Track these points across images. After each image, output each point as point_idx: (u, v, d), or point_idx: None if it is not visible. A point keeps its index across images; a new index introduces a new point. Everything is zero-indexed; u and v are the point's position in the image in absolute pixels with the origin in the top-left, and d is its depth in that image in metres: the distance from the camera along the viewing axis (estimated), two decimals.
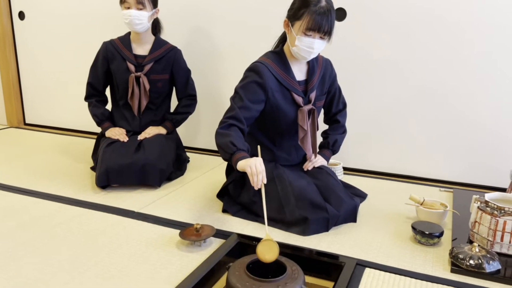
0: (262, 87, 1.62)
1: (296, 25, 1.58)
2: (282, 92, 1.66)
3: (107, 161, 1.94)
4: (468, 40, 1.96)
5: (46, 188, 1.97)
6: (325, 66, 1.78)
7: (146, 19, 2.06)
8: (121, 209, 1.76)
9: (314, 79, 1.72)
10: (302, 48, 1.58)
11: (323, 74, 1.77)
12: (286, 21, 1.63)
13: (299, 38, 1.57)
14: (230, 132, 1.54)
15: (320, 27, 1.53)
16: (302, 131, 1.69)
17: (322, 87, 1.77)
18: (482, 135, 2.03)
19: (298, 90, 1.69)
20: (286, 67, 1.67)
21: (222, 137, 1.55)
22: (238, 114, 1.59)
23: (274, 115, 1.69)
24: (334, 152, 1.89)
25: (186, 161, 2.33)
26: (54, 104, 3.14)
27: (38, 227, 1.58)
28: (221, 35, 2.46)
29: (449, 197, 1.92)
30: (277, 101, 1.66)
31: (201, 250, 1.42)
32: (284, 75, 1.66)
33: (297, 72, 1.71)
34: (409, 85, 2.11)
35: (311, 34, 1.55)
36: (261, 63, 1.64)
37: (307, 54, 1.61)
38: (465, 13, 1.94)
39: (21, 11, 3.06)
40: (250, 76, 1.64)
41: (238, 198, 1.75)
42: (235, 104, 1.61)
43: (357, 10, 2.13)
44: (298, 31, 1.57)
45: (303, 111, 1.67)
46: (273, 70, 1.65)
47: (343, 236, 1.54)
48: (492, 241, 1.39)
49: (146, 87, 2.13)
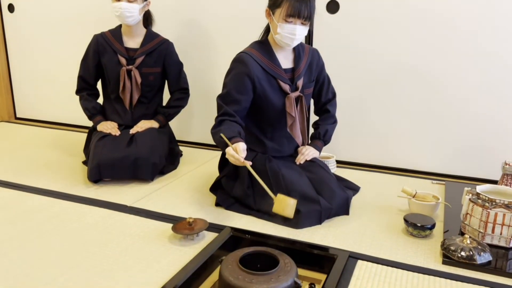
0: (248, 76, 1.64)
1: (276, 13, 1.60)
2: (268, 80, 1.68)
3: (99, 155, 1.92)
4: (458, 31, 1.96)
5: (37, 182, 1.96)
6: (312, 54, 1.79)
7: (137, 12, 2.04)
8: (113, 203, 1.75)
9: (301, 66, 1.74)
10: (285, 35, 1.61)
11: (310, 61, 1.78)
12: (268, 10, 1.66)
13: (281, 25, 1.60)
14: (220, 127, 1.58)
15: (299, 13, 1.56)
16: (290, 118, 1.71)
17: (309, 75, 1.78)
18: (474, 128, 2.04)
19: (284, 78, 1.70)
20: (271, 56, 1.69)
21: (214, 135, 1.59)
22: (226, 110, 1.63)
23: (262, 104, 1.70)
24: (325, 143, 1.88)
25: (179, 155, 2.32)
26: (45, 98, 3.11)
27: (28, 222, 1.57)
28: (213, 28, 2.44)
29: (441, 190, 1.93)
30: (264, 89, 1.67)
31: (194, 243, 1.42)
32: (269, 63, 1.68)
33: (283, 60, 1.72)
34: (401, 78, 2.11)
35: (291, 20, 1.58)
36: (245, 53, 1.67)
37: (290, 41, 1.63)
38: (456, 5, 1.94)
39: (10, 3, 3.02)
40: (235, 67, 1.67)
41: (231, 191, 1.75)
42: (222, 102, 1.65)
43: (350, 3, 2.12)
44: (279, 19, 1.60)
45: (290, 98, 1.69)
46: (257, 59, 1.66)
47: (335, 229, 1.54)
48: (483, 233, 1.40)
49: (138, 80, 2.12)
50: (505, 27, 1.89)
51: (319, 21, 2.18)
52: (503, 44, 1.91)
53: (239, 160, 1.46)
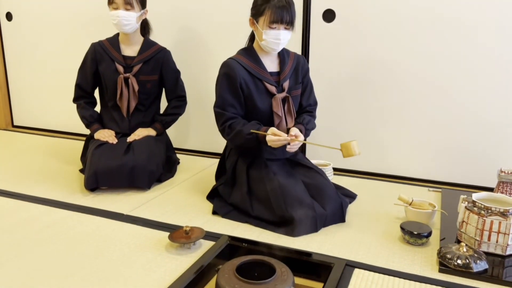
0: (234, 78, 1.70)
1: (260, 21, 1.68)
2: (254, 83, 1.73)
3: (96, 163, 1.92)
4: (456, 40, 1.98)
5: (34, 190, 1.95)
6: (298, 59, 1.85)
7: (134, 20, 2.05)
8: (110, 211, 1.74)
9: (286, 69, 1.79)
10: (270, 40, 1.68)
11: (296, 65, 1.83)
12: (251, 19, 1.73)
13: (266, 32, 1.66)
14: (236, 129, 1.67)
15: (282, 18, 1.63)
16: (277, 118, 1.75)
17: (296, 77, 1.82)
18: (470, 135, 2.05)
19: (270, 80, 1.75)
20: (256, 60, 1.76)
21: (237, 137, 1.68)
22: (228, 115, 1.71)
23: (250, 106, 1.75)
24: (306, 130, 1.80)
25: (176, 163, 2.32)
26: (43, 106, 3.11)
27: (24, 231, 1.56)
28: (211, 36, 2.45)
29: (437, 197, 1.93)
30: (250, 91, 1.72)
31: (191, 252, 1.42)
32: (255, 66, 1.74)
33: (269, 63, 1.78)
34: (397, 85, 2.12)
35: (275, 26, 1.65)
36: (230, 59, 1.76)
37: (276, 46, 1.70)
38: (453, 12, 1.96)
39: (8, 12, 3.03)
40: (221, 73, 1.74)
41: (229, 198, 1.76)
42: (220, 109, 1.72)
43: (346, 12, 2.13)
44: (263, 26, 1.67)
45: (277, 98, 1.74)
46: (242, 63, 1.73)
47: (332, 237, 1.54)
48: (479, 241, 1.40)
49: (135, 88, 2.12)
50: (503, 34, 1.91)
51: (316, 29, 2.20)
52: (498, 52, 1.93)
53: (286, 138, 1.58)
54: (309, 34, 2.22)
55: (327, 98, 2.24)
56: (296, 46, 2.23)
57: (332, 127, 2.28)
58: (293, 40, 2.18)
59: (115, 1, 2.01)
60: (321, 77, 2.23)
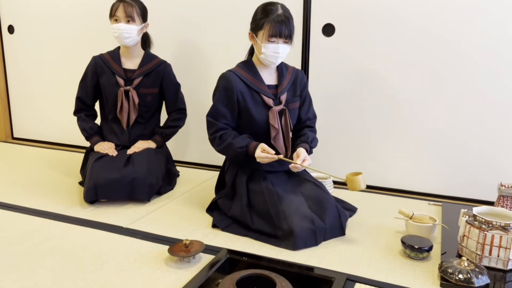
0: (231, 90, 1.73)
1: (259, 35, 1.70)
2: (251, 95, 1.75)
3: (96, 176, 1.92)
4: (454, 55, 2.00)
5: (33, 203, 1.94)
6: (296, 72, 1.87)
7: (135, 33, 2.07)
8: (109, 224, 1.74)
9: (284, 82, 1.81)
10: (269, 54, 1.70)
11: (295, 78, 1.85)
12: (251, 33, 1.76)
13: (265, 46, 1.69)
14: (227, 141, 1.70)
15: (280, 33, 1.66)
16: (274, 130, 1.77)
17: (294, 90, 1.84)
18: (470, 149, 2.05)
19: (268, 92, 1.77)
20: (254, 73, 1.78)
21: (228, 150, 1.72)
22: (219, 125, 1.75)
23: (247, 118, 1.76)
24: (311, 147, 1.81)
25: (176, 175, 2.31)
26: (43, 118, 3.12)
27: (23, 244, 1.55)
28: (210, 50, 2.47)
29: (438, 211, 1.93)
30: (247, 104, 1.74)
31: (190, 266, 1.41)
32: (252, 79, 1.76)
33: (267, 77, 1.81)
34: (397, 99, 2.13)
35: (274, 40, 1.68)
36: (229, 71, 1.78)
37: (275, 59, 1.72)
38: (452, 27, 1.98)
39: (10, 25, 3.05)
40: (219, 84, 1.77)
41: (228, 211, 1.75)
42: (212, 119, 1.76)
43: (345, 26, 2.15)
44: (262, 40, 1.69)
45: (274, 110, 1.76)
46: (240, 75, 1.75)
47: (332, 251, 1.53)
48: (480, 255, 1.40)
49: (135, 101, 2.13)
50: (500, 49, 1.92)
51: (315, 43, 2.21)
52: (497, 66, 1.94)
53: (273, 157, 1.63)
54: (309, 48, 2.23)
55: (327, 112, 2.25)
56: (296, 59, 2.24)
57: (331, 141, 2.28)
58: (293, 54, 2.20)
59: (117, 14, 2.03)
60: (321, 91, 2.24)
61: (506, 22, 1.89)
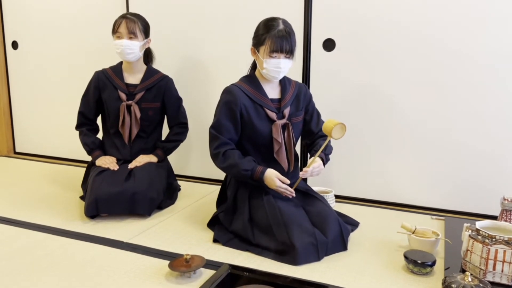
0: (235, 104, 1.73)
1: (261, 50, 1.71)
2: (255, 109, 1.76)
3: (97, 190, 1.91)
4: (454, 67, 2.00)
5: (34, 218, 1.94)
6: (299, 87, 1.87)
7: (137, 49, 2.09)
8: (109, 239, 1.73)
9: (287, 96, 1.81)
10: (271, 69, 1.71)
11: (298, 92, 1.86)
12: (253, 48, 1.77)
13: (266, 61, 1.70)
14: (233, 160, 1.69)
15: (282, 48, 1.67)
16: (277, 144, 1.76)
17: (297, 104, 1.84)
18: (473, 163, 2.04)
19: (271, 106, 1.78)
20: (258, 87, 1.79)
21: (230, 169, 1.71)
22: (223, 139, 1.73)
23: (251, 132, 1.76)
24: (327, 158, 1.81)
25: (177, 190, 2.31)
26: (45, 133, 3.13)
27: (23, 258, 1.54)
28: (212, 65, 2.49)
29: (440, 225, 1.91)
30: (251, 117, 1.74)
31: (191, 281, 1.39)
32: (256, 93, 1.77)
33: (270, 91, 1.81)
34: (399, 114, 2.13)
35: (275, 55, 1.69)
36: (233, 85, 1.79)
37: (276, 74, 1.73)
38: (454, 42, 1.99)
39: (14, 40, 3.09)
40: (223, 98, 1.78)
41: (230, 226, 1.74)
42: (216, 132, 1.75)
43: (346, 41, 2.17)
44: (264, 55, 1.70)
45: (277, 125, 1.76)
46: (244, 90, 1.76)
47: (335, 265, 1.52)
48: (484, 270, 1.38)
49: (137, 115, 2.14)
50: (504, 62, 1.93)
51: (316, 58, 2.23)
52: (500, 81, 1.94)
53: (292, 191, 1.68)
54: (310, 62, 2.25)
55: None
56: (296, 74, 2.26)
57: (333, 155, 2.26)
58: (293, 69, 2.21)
59: (119, 31, 2.06)
60: (322, 105, 2.24)
61: (507, 40, 1.90)
